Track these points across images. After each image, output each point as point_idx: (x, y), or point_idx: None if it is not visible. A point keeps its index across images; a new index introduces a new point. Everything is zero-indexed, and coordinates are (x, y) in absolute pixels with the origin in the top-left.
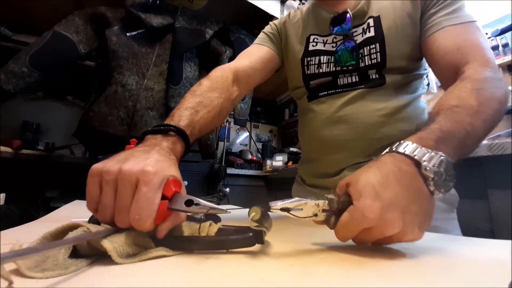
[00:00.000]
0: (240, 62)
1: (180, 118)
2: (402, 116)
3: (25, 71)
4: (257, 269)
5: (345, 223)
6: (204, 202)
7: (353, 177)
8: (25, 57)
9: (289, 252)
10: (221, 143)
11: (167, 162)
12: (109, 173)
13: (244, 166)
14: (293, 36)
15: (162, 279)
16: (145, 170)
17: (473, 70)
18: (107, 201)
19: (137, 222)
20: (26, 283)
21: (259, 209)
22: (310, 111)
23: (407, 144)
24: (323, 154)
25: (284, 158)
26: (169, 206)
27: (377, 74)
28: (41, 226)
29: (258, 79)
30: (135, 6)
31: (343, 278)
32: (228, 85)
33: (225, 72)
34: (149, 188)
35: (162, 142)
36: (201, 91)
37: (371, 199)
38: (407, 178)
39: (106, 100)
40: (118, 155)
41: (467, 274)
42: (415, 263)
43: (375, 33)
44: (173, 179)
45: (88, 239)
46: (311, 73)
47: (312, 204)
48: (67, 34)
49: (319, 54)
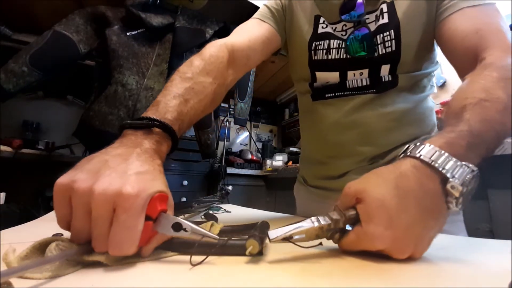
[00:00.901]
0: (238, 40)
1: (166, 109)
2: (410, 120)
3: (25, 70)
4: (257, 269)
5: (351, 243)
6: (194, 227)
7: (363, 188)
8: (25, 57)
9: (289, 252)
10: (221, 142)
11: (151, 173)
12: (79, 194)
13: (244, 165)
14: (301, 14)
15: (162, 279)
16: (123, 193)
17: (496, 56)
18: (79, 226)
19: (118, 252)
20: (26, 283)
21: (256, 242)
22: (315, 112)
23: (435, 151)
24: (328, 157)
25: (284, 158)
26: (154, 229)
27: (390, 76)
28: (41, 225)
29: (256, 62)
30: (135, 6)
31: (343, 278)
32: (223, 67)
33: (221, 50)
34: (129, 214)
35: (144, 141)
36: (193, 74)
37: (384, 227)
38: (428, 198)
39: (106, 100)
40: (88, 160)
41: (467, 274)
42: (415, 263)
43: (389, 19)
44: (158, 195)
45: (75, 255)
46: (318, 59)
47: (315, 229)
48: (67, 33)
49: (328, 37)
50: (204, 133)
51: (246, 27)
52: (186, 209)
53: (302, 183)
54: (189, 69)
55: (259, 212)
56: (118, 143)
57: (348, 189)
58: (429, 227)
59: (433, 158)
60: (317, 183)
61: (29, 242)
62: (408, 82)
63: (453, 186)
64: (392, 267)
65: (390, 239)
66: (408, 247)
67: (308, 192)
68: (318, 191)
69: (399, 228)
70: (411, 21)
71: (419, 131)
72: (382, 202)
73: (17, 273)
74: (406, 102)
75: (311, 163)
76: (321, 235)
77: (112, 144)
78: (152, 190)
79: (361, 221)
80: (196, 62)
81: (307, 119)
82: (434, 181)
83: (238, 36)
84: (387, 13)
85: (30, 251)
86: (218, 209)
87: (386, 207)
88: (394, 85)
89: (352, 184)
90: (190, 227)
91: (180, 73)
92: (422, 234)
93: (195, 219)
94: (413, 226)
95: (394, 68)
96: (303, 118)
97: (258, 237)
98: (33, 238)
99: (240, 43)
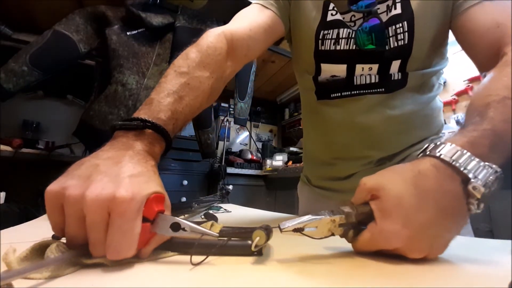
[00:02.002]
0: (239, 29)
1: (159, 108)
2: (419, 122)
3: (25, 70)
4: (257, 269)
5: (366, 242)
6: (193, 226)
7: (380, 184)
8: (25, 56)
9: (288, 252)
10: (221, 142)
11: (144, 175)
12: (71, 202)
13: (244, 165)
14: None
15: (162, 279)
16: (117, 197)
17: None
18: (73, 233)
19: (116, 256)
20: (25, 284)
21: (263, 233)
22: (320, 112)
23: (457, 151)
24: (334, 158)
25: (284, 158)
26: (152, 231)
27: (399, 73)
28: (41, 225)
29: (257, 53)
30: (135, 5)
31: (343, 278)
32: (221, 59)
33: (219, 40)
34: (125, 219)
35: (136, 143)
36: (188, 68)
37: (401, 225)
38: (447, 199)
39: (106, 99)
40: (78, 165)
41: (467, 274)
42: (415, 263)
43: (402, 9)
44: (154, 196)
45: (75, 257)
46: (325, 50)
47: (327, 221)
48: (67, 33)
49: (338, 26)
50: (204, 133)
51: (247, 14)
52: (186, 209)
53: (306, 183)
54: (185, 62)
55: (259, 212)
56: (108, 145)
57: (364, 184)
58: (447, 228)
59: (454, 158)
60: (322, 184)
61: (29, 242)
62: (418, 81)
63: (475, 187)
64: (392, 267)
65: (406, 237)
66: (423, 247)
67: (312, 192)
68: (323, 192)
69: (416, 227)
70: (426, 13)
71: (427, 132)
72: (399, 200)
73: (18, 276)
74: (415, 103)
75: (316, 164)
76: (333, 230)
77: (103, 147)
78: (146, 192)
79: (375, 218)
80: (192, 54)
81: (311, 118)
82: (454, 182)
83: (238, 23)
84: (400, 3)
85: (30, 252)
86: (218, 208)
87: (404, 205)
88: (403, 85)
89: (367, 179)
90: (189, 226)
91: (175, 67)
92: (439, 235)
93: (195, 219)
94: (430, 226)
95: (404, 65)
96: (307, 117)
97: (264, 229)
98: (33, 237)
99: (240, 32)
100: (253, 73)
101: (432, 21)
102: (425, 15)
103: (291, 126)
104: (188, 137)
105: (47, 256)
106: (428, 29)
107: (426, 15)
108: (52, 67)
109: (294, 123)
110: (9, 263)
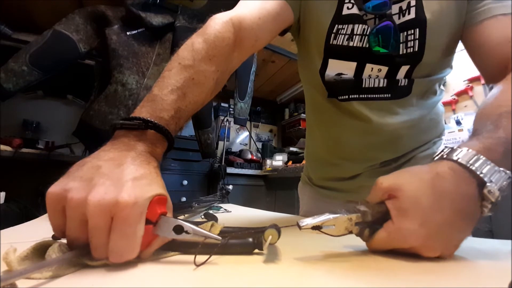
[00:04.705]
0: (247, 16)
1: (162, 107)
2: (424, 126)
3: (25, 69)
4: (257, 269)
5: (382, 241)
6: (196, 229)
7: (398, 184)
8: (25, 56)
9: (289, 252)
10: (221, 142)
11: (147, 178)
12: (73, 205)
13: (244, 165)
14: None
15: (162, 279)
16: (120, 202)
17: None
18: (75, 235)
19: (119, 260)
20: (25, 284)
21: (275, 231)
22: (326, 112)
23: (473, 155)
24: (339, 159)
25: (284, 158)
26: (155, 233)
27: (406, 79)
28: (41, 224)
29: (263, 44)
30: (135, 5)
31: (343, 278)
32: (228, 50)
33: (227, 30)
34: (128, 224)
35: (138, 144)
36: (194, 61)
37: (418, 225)
38: (463, 201)
39: (106, 99)
40: (80, 166)
41: (467, 274)
42: (415, 263)
43: (416, 15)
44: (157, 198)
45: (76, 257)
46: (337, 45)
47: (344, 219)
48: (67, 32)
49: (353, 21)
50: (204, 133)
51: (254, 1)
52: (186, 209)
53: (308, 183)
54: (190, 54)
55: (259, 212)
56: (109, 145)
57: (381, 184)
58: (461, 229)
59: (471, 162)
60: (325, 184)
61: (29, 242)
62: (423, 88)
63: (490, 191)
64: (391, 267)
65: (423, 236)
66: (438, 247)
67: (314, 191)
68: (325, 191)
69: (433, 227)
70: (439, 21)
71: (430, 136)
72: (417, 199)
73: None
74: (421, 109)
75: (320, 163)
76: (349, 228)
77: (104, 147)
78: (149, 195)
79: (392, 217)
80: (198, 45)
81: (316, 117)
82: (471, 185)
83: (247, 10)
84: (414, 8)
85: (31, 251)
86: (218, 208)
87: (421, 205)
88: (408, 93)
89: (384, 179)
90: (192, 229)
91: (179, 59)
92: (453, 235)
93: (195, 219)
94: (446, 227)
95: (411, 71)
96: (312, 115)
97: (275, 227)
98: (33, 237)
99: (249, 20)
100: (253, 73)
101: (445, 30)
102: (438, 23)
103: (291, 126)
104: (188, 137)
105: (49, 256)
106: (440, 38)
107: (439, 24)
108: (52, 67)
109: (294, 123)
110: (9, 263)
